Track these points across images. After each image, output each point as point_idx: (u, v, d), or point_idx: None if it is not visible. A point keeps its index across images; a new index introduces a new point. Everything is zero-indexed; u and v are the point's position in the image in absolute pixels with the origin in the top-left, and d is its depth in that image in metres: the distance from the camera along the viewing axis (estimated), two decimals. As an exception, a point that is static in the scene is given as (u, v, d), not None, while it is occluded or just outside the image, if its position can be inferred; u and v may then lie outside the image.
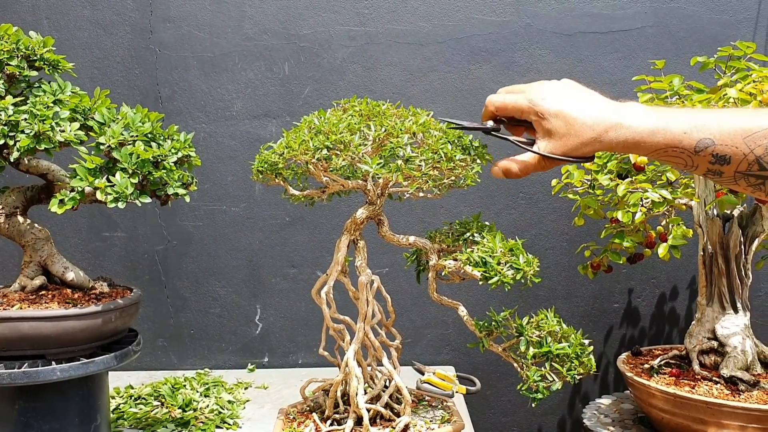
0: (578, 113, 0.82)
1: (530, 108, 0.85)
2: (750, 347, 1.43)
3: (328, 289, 1.16)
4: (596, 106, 0.82)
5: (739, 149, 0.75)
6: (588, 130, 0.81)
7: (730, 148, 0.75)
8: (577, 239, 1.86)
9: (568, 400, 1.96)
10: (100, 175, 1.09)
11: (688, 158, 0.78)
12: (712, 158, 0.76)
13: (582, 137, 0.82)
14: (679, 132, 0.77)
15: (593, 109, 0.82)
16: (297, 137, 1.08)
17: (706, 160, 0.77)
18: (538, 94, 0.85)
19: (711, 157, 0.76)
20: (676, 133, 0.77)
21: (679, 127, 0.77)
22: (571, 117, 0.82)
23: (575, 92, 0.84)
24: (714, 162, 0.76)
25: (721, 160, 0.76)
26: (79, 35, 1.84)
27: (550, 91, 0.85)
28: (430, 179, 1.02)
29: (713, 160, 0.76)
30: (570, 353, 1.07)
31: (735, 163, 0.76)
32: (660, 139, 0.78)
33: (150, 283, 1.89)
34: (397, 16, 1.85)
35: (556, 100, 0.83)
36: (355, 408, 1.12)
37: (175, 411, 1.49)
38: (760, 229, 1.45)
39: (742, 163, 0.75)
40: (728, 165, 0.76)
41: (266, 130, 1.87)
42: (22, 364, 1.10)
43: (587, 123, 0.81)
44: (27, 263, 1.23)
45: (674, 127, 0.77)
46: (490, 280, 1.04)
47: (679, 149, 0.77)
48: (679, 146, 0.77)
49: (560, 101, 0.83)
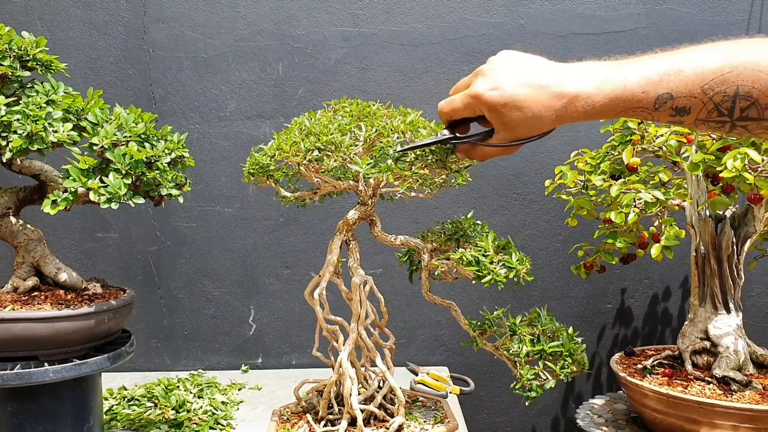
0: (530, 97, 0.79)
1: (480, 105, 0.82)
2: (742, 347, 1.43)
3: (321, 290, 1.16)
4: (547, 81, 0.79)
5: (698, 99, 0.74)
6: (545, 110, 0.79)
7: (689, 99, 0.74)
8: (570, 239, 1.86)
9: (561, 400, 1.96)
10: (93, 176, 1.09)
11: (648, 115, 0.77)
12: (672, 111, 0.76)
13: (541, 119, 0.80)
14: (638, 92, 0.76)
15: (544, 88, 0.79)
16: (288, 139, 1.08)
17: (667, 114, 0.76)
18: (483, 85, 0.82)
19: (671, 111, 0.76)
20: (635, 93, 0.76)
21: (637, 88, 0.76)
22: (524, 103, 0.80)
23: (521, 71, 0.81)
24: (674, 114, 0.76)
25: (681, 112, 0.76)
26: (72, 35, 1.84)
27: (495, 79, 0.81)
28: (421, 178, 1.03)
29: (673, 113, 0.76)
30: (563, 351, 1.07)
31: (695, 113, 0.75)
32: (619, 104, 0.77)
33: (143, 284, 1.89)
34: (390, 17, 1.85)
35: (504, 89, 0.80)
36: (349, 409, 1.13)
37: (169, 412, 1.48)
38: (752, 230, 1.46)
39: (701, 112, 0.75)
40: (688, 115, 0.76)
41: (260, 131, 1.87)
42: (14, 365, 1.09)
43: (543, 104, 0.79)
44: (19, 264, 1.23)
45: (632, 88, 0.76)
46: (483, 279, 1.04)
47: (639, 109, 0.77)
48: (639, 106, 0.76)
49: (508, 88, 0.80)
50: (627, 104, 0.77)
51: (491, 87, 0.81)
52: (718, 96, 0.73)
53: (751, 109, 0.73)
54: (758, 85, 0.72)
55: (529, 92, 0.79)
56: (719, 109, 0.74)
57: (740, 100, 0.73)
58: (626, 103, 0.77)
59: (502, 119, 0.82)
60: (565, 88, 0.78)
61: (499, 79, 0.81)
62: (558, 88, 0.79)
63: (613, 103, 0.77)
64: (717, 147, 1.29)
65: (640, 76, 0.76)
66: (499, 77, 0.81)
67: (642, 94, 0.76)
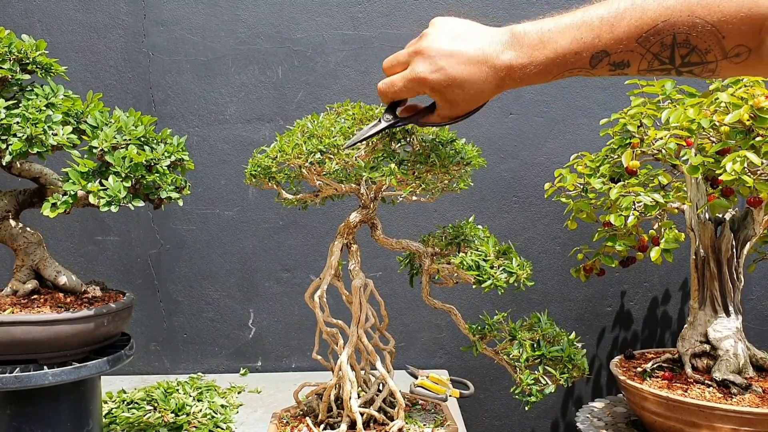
0: (471, 75, 0.80)
1: (423, 87, 0.84)
2: (742, 350, 1.43)
3: (321, 293, 1.16)
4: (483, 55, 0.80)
5: (635, 52, 0.73)
6: (485, 84, 0.80)
7: (625, 53, 0.73)
8: (569, 242, 1.86)
9: (561, 403, 1.96)
10: (92, 179, 1.09)
11: (586, 73, 0.77)
12: (611, 67, 0.75)
13: (482, 93, 0.81)
14: (571, 55, 0.75)
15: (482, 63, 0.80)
16: (290, 141, 1.08)
17: (606, 70, 0.76)
18: (425, 68, 0.83)
19: (609, 66, 0.75)
20: (568, 57, 0.76)
21: (569, 51, 0.75)
22: (466, 82, 0.81)
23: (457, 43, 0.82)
24: (614, 69, 0.75)
25: (621, 66, 0.74)
26: (71, 38, 1.84)
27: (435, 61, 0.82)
28: (423, 183, 1.03)
29: (612, 68, 0.75)
30: (563, 356, 1.07)
31: (635, 65, 0.74)
32: (553, 68, 0.77)
33: (143, 287, 1.89)
34: (390, 21, 1.86)
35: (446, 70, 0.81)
36: (349, 412, 1.12)
37: (168, 415, 1.48)
38: (752, 233, 1.46)
39: (642, 63, 0.74)
40: (629, 68, 0.75)
41: (259, 134, 1.87)
42: (13, 368, 1.09)
43: (482, 79, 0.80)
44: (19, 267, 1.22)
45: (565, 52, 0.75)
46: (483, 283, 1.05)
47: (575, 69, 0.76)
48: (575, 67, 0.76)
49: (449, 68, 0.81)
50: (562, 67, 0.77)
51: (433, 69, 0.82)
52: (656, 47, 0.72)
53: (692, 55, 0.72)
54: (694, 31, 0.70)
55: (469, 70, 0.81)
56: (659, 58, 0.73)
57: (679, 48, 0.71)
58: (561, 67, 0.77)
59: (446, 97, 0.84)
60: (500, 60, 0.80)
61: (439, 60, 0.82)
62: (494, 61, 0.80)
63: (547, 69, 0.77)
64: (716, 149, 1.29)
65: (571, 39, 0.75)
66: (438, 58, 0.82)
67: (575, 56, 0.75)
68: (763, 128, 1.23)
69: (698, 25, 0.69)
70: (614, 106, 1.80)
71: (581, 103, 1.87)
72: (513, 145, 1.87)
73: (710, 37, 0.69)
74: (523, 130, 1.87)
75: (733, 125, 1.26)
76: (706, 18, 0.69)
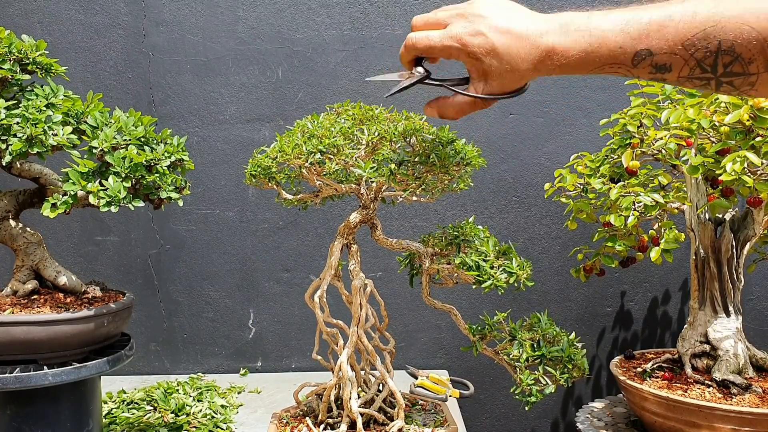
0: (510, 47, 0.78)
1: (460, 49, 0.80)
2: (742, 351, 1.43)
3: (321, 293, 1.16)
4: (527, 32, 0.77)
5: (678, 56, 0.71)
6: (522, 62, 0.78)
7: (669, 56, 0.71)
8: (569, 243, 1.86)
9: (561, 403, 1.96)
10: (92, 179, 1.09)
11: (626, 71, 0.74)
12: (652, 69, 0.73)
13: (518, 71, 0.79)
14: (615, 48, 0.73)
15: (524, 39, 0.77)
16: (290, 141, 1.08)
17: (646, 71, 0.73)
18: (465, 28, 0.80)
19: (650, 68, 0.73)
20: (611, 49, 0.73)
21: (614, 43, 0.73)
22: (505, 53, 0.78)
23: (504, 18, 0.79)
24: (654, 72, 0.73)
25: (662, 69, 0.72)
26: (71, 39, 1.84)
27: (478, 25, 0.79)
28: (423, 183, 1.03)
29: (653, 70, 0.73)
30: (563, 356, 1.07)
31: (677, 70, 0.72)
32: (595, 58, 0.75)
33: (143, 288, 1.89)
34: (390, 21, 1.86)
35: (487, 35, 0.78)
36: (349, 412, 1.12)
37: (168, 416, 1.48)
38: (752, 233, 1.46)
39: (683, 69, 0.71)
40: (670, 72, 0.72)
41: (259, 134, 1.87)
42: (13, 368, 1.09)
43: (521, 56, 0.78)
44: (19, 267, 1.22)
45: (609, 44, 0.73)
46: (483, 284, 1.05)
47: (616, 65, 0.74)
48: (616, 62, 0.74)
49: (491, 34, 0.78)
50: (603, 60, 0.74)
51: (474, 32, 0.79)
52: (700, 52, 0.70)
53: (735, 64, 0.70)
54: (741, 38, 0.68)
55: (510, 42, 0.78)
56: (702, 65, 0.71)
57: (723, 55, 0.69)
58: (603, 59, 0.74)
59: (481, 67, 0.81)
60: (543, 40, 0.77)
61: (482, 26, 0.79)
62: (537, 40, 0.77)
63: (590, 58, 0.75)
64: (716, 149, 1.29)
65: (619, 30, 0.73)
66: (482, 24, 0.79)
67: (619, 50, 0.73)
68: (763, 128, 1.23)
69: (745, 32, 0.68)
70: (614, 107, 1.80)
71: (581, 103, 1.87)
72: (513, 145, 1.87)
73: (755, 46, 0.68)
74: (523, 130, 1.87)
75: (733, 125, 1.26)
76: (754, 25, 0.67)
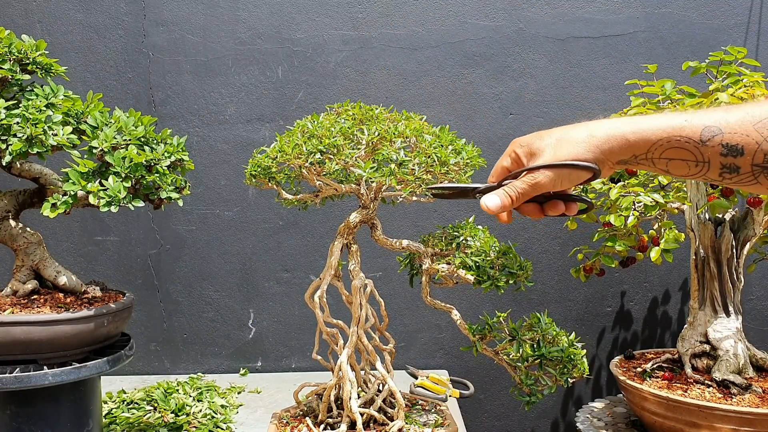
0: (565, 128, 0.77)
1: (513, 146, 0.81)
2: (742, 351, 1.43)
3: (321, 293, 1.16)
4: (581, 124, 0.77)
5: (751, 137, 0.67)
6: (578, 132, 0.75)
7: (740, 136, 0.68)
8: (569, 243, 1.86)
9: (561, 403, 1.96)
10: (92, 179, 1.09)
11: (695, 150, 0.70)
12: (723, 149, 0.69)
13: (573, 138, 0.76)
14: (680, 120, 0.70)
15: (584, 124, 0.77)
16: (290, 141, 1.08)
17: (717, 152, 0.69)
18: (520, 137, 0.82)
19: (721, 148, 0.69)
20: (676, 120, 0.71)
21: (678, 117, 0.71)
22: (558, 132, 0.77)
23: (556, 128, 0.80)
24: (726, 154, 0.69)
25: (734, 151, 0.68)
26: (71, 39, 1.84)
27: (534, 133, 0.80)
28: (423, 183, 1.03)
29: (724, 151, 0.69)
30: (563, 356, 1.07)
31: (750, 154, 0.68)
32: (660, 125, 0.71)
33: (143, 288, 1.89)
34: (390, 21, 1.86)
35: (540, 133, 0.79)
36: (349, 412, 1.12)
37: (168, 416, 1.48)
38: (752, 233, 1.46)
39: (757, 154, 0.68)
40: (742, 156, 0.68)
41: (259, 134, 1.87)
42: (13, 368, 1.09)
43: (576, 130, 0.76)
44: (19, 267, 1.22)
45: (674, 117, 0.71)
46: (483, 284, 1.05)
47: (683, 138, 0.70)
48: (682, 134, 0.70)
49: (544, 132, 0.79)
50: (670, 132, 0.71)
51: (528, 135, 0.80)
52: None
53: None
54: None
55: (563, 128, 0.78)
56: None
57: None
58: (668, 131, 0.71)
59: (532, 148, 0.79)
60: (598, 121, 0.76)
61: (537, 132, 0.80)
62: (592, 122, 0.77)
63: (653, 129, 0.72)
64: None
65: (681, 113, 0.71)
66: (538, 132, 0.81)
67: (685, 122, 0.70)
68: (763, 128, 1.23)
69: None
70: (614, 106, 1.80)
71: (581, 103, 1.87)
72: (513, 145, 1.87)
73: None
74: (523, 130, 1.87)
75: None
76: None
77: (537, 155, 0.78)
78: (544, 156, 0.77)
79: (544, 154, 0.78)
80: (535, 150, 0.78)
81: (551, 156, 0.77)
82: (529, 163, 0.80)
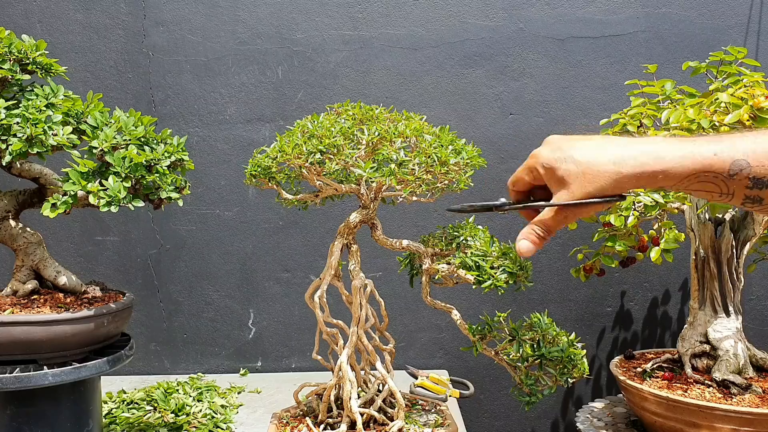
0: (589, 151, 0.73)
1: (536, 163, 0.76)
2: (742, 351, 1.43)
3: (321, 293, 1.16)
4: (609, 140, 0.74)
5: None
6: (604, 163, 0.72)
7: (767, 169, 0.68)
8: (569, 243, 1.86)
9: (560, 403, 1.96)
10: (92, 179, 1.09)
11: (722, 183, 0.70)
12: (749, 182, 0.68)
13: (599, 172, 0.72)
14: (709, 155, 0.69)
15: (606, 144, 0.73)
16: (290, 141, 1.08)
17: (743, 185, 0.69)
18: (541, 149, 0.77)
19: (748, 181, 0.68)
20: (705, 155, 0.69)
21: (707, 150, 0.69)
22: (582, 156, 0.73)
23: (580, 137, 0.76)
24: (752, 186, 0.69)
25: (760, 184, 0.68)
26: (71, 39, 1.84)
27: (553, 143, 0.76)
28: (424, 183, 1.03)
29: (750, 184, 0.69)
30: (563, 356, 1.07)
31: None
32: (688, 163, 0.69)
33: (143, 288, 1.89)
34: (390, 21, 1.86)
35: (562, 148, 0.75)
36: (349, 412, 1.12)
37: (168, 416, 1.48)
38: (752, 233, 1.46)
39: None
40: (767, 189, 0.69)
41: (259, 134, 1.87)
42: (13, 368, 1.09)
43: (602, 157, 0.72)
44: (19, 267, 1.22)
45: (702, 150, 0.69)
46: (483, 283, 1.05)
47: (711, 173, 0.69)
48: (711, 170, 0.69)
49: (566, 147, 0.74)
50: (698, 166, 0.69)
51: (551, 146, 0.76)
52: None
53: None
54: None
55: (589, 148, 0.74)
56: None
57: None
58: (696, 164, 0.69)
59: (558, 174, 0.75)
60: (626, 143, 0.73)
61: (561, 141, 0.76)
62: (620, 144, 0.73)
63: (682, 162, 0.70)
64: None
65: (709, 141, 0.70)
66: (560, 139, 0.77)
67: (714, 156, 0.69)
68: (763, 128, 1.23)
69: None
70: (614, 106, 1.80)
71: (581, 103, 1.87)
72: (513, 145, 1.87)
73: None
74: (523, 130, 1.87)
75: (733, 125, 1.26)
76: None
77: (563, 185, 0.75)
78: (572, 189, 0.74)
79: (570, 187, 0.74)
80: (560, 177, 0.75)
81: (580, 192, 0.74)
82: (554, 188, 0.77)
